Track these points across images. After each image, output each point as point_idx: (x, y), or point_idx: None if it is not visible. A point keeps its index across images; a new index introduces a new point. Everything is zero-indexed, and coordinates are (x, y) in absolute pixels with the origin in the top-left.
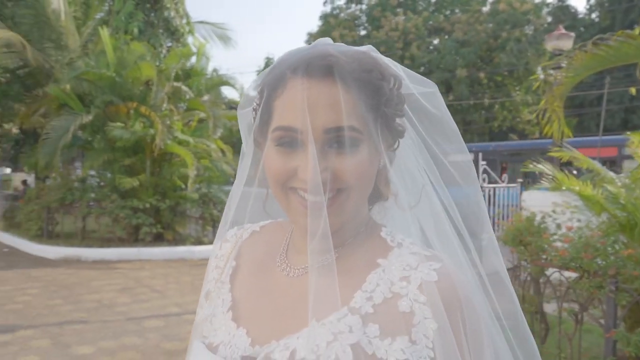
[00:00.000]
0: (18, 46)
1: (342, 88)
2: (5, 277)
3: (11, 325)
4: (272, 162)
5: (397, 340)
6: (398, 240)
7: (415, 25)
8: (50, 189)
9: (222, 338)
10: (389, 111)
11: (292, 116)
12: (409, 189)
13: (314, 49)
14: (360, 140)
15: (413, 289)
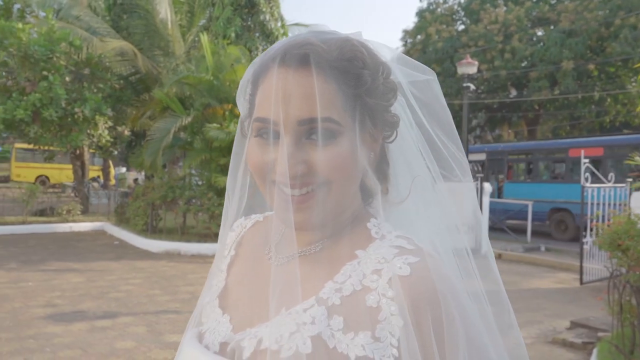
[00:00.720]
0: (130, 54)
1: (319, 78)
2: (113, 267)
3: (113, 312)
4: (251, 154)
5: (359, 335)
6: (383, 233)
7: (517, 16)
8: (154, 187)
9: (210, 325)
10: (373, 101)
11: (268, 107)
12: (404, 180)
13: (295, 38)
14: (338, 132)
15: (383, 283)
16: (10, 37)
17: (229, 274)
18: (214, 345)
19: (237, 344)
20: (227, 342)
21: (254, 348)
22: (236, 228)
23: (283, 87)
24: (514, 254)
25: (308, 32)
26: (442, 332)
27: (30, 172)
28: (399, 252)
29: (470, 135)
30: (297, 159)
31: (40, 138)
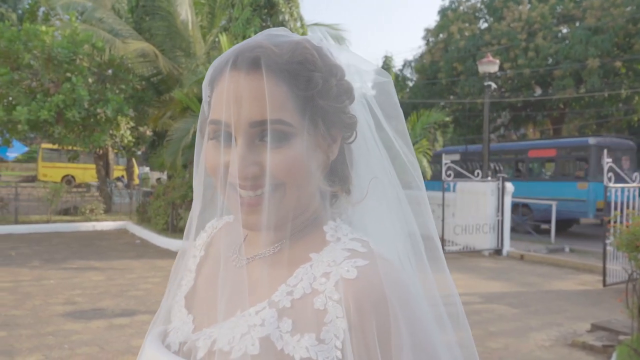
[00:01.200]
0: (152, 56)
1: (270, 80)
2: (133, 266)
3: (131, 310)
4: (207, 156)
5: (304, 337)
6: (338, 235)
7: (541, 13)
8: (175, 186)
9: (175, 324)
10: (325, 103)
11: (220, 110)
12: (361, 182)
13: (249, 41)
14: (291, 134)
15: (330, 285)
16: (34, 39)
17: (198, 274)
18: (175, 345)
19: (193, 344)
20: (186, 342)
21: (208, 348)
22: (208, 229)
23: (235, 90)
24: (537, 255)
25: (262, 35)
26: (387, 336)
27: (57, 172)
28: (350, 255)
29: (494, 134)
30: (249, 161)
31: (64, 138)
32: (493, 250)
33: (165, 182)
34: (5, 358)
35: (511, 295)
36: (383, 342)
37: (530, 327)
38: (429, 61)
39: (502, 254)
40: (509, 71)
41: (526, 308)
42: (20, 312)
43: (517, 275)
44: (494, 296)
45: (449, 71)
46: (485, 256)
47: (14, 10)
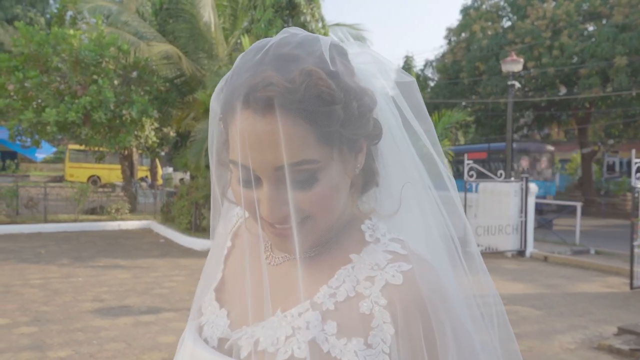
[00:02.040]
0: (175, 58)
1: (287, 122)
2: (158, 264)
3: (156, 308)
4: (235, 191)
5: (352, 341)
6: (377, 236)
7: (567, 11)
8: (198, 186)
9: (208, 317)
10: (348, 132)
11: (241, 153)
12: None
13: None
14: (317, 170)
15: (376, 290)
16: (62, 43)
17: (225, 265)
18: (213, 340)
19: (235, 342)
20: (225, 338)
21: (251, 348)
22: (232, 218)
23: (251, 133)
24: (561, 256)
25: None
26: (433, 340)
27: (83, 172)
28: (392, 258)
29: (517, 134)
30: (279, 202)
31: (91, 139)
32: (516, 251)
33: (189, 183)
34: (37, 353)
35: (535, 297)
36: (429, 347)
37: (555, 330)
38: (451, 61)
39: (526, 255)
40: (532, 70)
41: (550, 310)
42: (50, 308)
43: (541, 277)
44: (517, 298)
45: (471, 70)
46: (508, 257)
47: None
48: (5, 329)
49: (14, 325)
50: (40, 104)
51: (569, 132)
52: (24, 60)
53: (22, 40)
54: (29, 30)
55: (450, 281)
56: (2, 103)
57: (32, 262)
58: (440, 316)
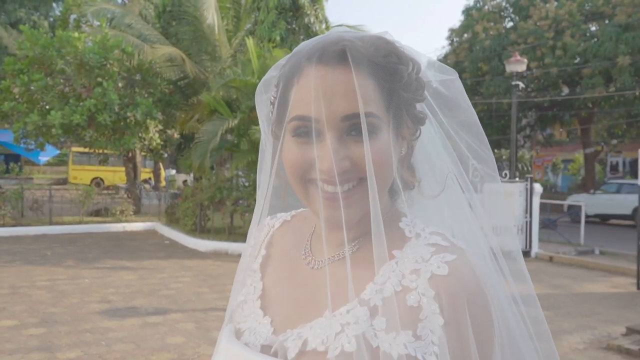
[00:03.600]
0: (179, 60)
1: (358, 73)
2: (163, 266)
3: (163, 309)
4: (289, 154)
5: (401, 334)
6: (416, 231)
7: (569, 11)
8: (203, 188)
9: (250, 324)
10: (408, 96)
11: (308, 105)
12: (432, 177)
13: (328, 36)
14: (379, 127)
15: (422, 282)
16: (67, 46)
17: (264, 274)
18: (255, 347)
19: (281, 345)
20: (269, 344)
21: (299, 349)
22: (263, 227)
23: (323, 85)
24: (566, 257)
25: (338, 31)
26: (481, 328)
27: (86, 175)
28: (435, 250)
29: (520, 134)
30: (341, 155)
31: (95, 142)
32: (521, 252)
33: (193, 184)
34: (46, 353)
35: (541, 298)
36: (477, 334)
37: (563, 330)
38: (454, 61)
39: (531, 256)
40: (535, 70)
41: (557, 310)
42: (58, 309)
43: (547, 278)
44: (523, 298)
45: (474, 71)
46: None
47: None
48: (14, 330)
49: (23, 326)
50: (45, 106)
51: (571, 132)
52: (28, 64)
53: (27, 44)
54: (34, 34)
55: (490, 271)
56: (8, 106)
57: (38, 263)
58: (487, 304)
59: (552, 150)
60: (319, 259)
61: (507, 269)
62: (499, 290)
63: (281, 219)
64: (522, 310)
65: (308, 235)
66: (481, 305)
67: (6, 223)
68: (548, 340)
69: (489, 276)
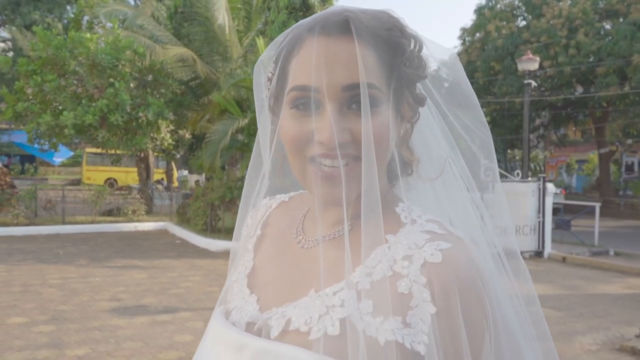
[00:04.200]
0: (190, 61)
1: (360, 44)
2: (174, 265)
3: (173, 307)
4: (287, 126)
5: (389, 319)
6: (412, 217)
7: (583, 9)
8: (213, 187)
9: (237, 303)
10: (410, 72)
11: (308, 74)
12: (430, 160)
13: (330, 9)
14: (380, 101)
15: (414, 269)
16: (79, 47)
17: (256, 254)
18: (241, 325)
19: (265, 323)
20: (253, 321)
21: (282, 328)
22: (261, 207)
23: (324, 54)
24: (580, 257)
25: (340, 5)
26: (473, 320)
27: (100, 175)
28: (430, 237)
29: (533, 134)
30: (341, 127)
31: (108, 142)
32: (534, 252)
33: (204, 184)
34: (55, 350)
35: (554, 298)
36: (468, 326)
37: (576, 331)
38: (465, 61)
39: (544, 256)
40: (548, 69)
41: (571, 311)
42: (68, 307)
43: (560, 278)
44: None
45: (486, 70)
46: (526, 258)
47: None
48: (24, 327)
49: (33, 323)
50: (57, 107)
51: (586, 132)
52: (42, 64)
53: (40, 45)
54: (47, 35)
55: (488, 261)
56: (21, 107)
57: (50, 262)
58: (481, 295)
59: (566, 151)
60: (310, 238)
61: (506, 261)
62: (497, 283)
63: (279, 199)
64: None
65: (302, 215)
66: (474, 296)
67: (20, 222)
68: (547, 340)
69: (486, 268)
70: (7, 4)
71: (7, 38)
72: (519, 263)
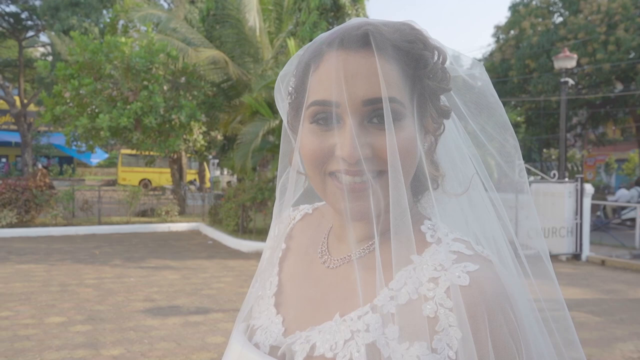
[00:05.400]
0: (222, 63)
1: (381, 57)
2: (206, 266)
3: (205, 308)
4: (307, 142)
5: (415, 345)
6: (438, 236)
7: (623, 4)
8: (245, 189)
9: (263, 322)
10: (434, 84)
11: (328, 89)
12: (455, 174)
13: (350, 23)
14: (403, 115)
15: (440, 292)
16: (114, 51)
17: (281, 269)
18: (265, 347)
19: (289, 348)
20: (277, 345)
21: (307, 353)
22: (285, 220)
23: (344, 68)
24: (620, 260)
25: (361, 18)
26: (501, 345)
27: (135, 176)
28: (457, 258)
29: (570, 133)
30: (362, 142)
31: (142, 144)
32: (571, 254)
33: (236, 185)
34: (91, 350)
35: (593, 303)
36: (497, 351)
37: (616, 337)
38: (499, 59)
39: (581, 259)
40: (586, 67)
41: (610, 317)
42: (104, 307)
43: (599, 282)
44: (574, 303)
45: (521, 69)
46: (563, 261)
47: (96, 25)
48: (62, 326)
49: (70, 323)
50: (94, 110)
51: (626, 130)
52: (79, 69)
53: (77, 49)
54: (84, 40)
55: (516, 283)
56: (59, 110)
57: (87, 262)
58: (510, 320)
59: (605, 150)
60: (336, 257)
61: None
62: (527, 306)
63: (303, 211)
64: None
65: (325, 232)
66: (503, 321)
67: (58, 223)
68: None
69: (515, 291)
70: (47, 10)
71: (46, 43)
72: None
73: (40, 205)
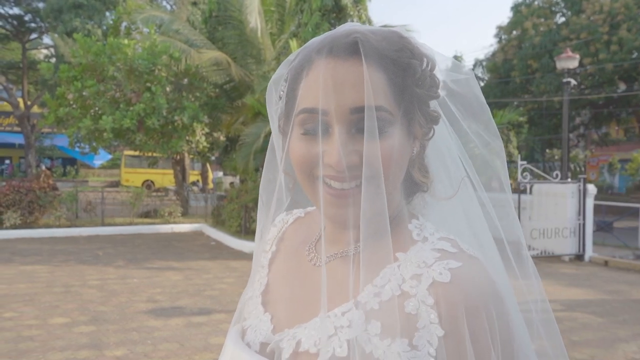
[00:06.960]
0: (224, 64)
1: (369, 66)
2: (209, 266)
3: (208, 309)
4: (296, 148)
5: (396, 341)
6: (425, 235)
7: (625, 4)
8: (247, 190)
9: (252, 322)
10: (422, 92)
11: (316, 97)
12: (446, 180)
13: (339, 29)
14: (390, 123)
15: (422, 289)
16: (118, 52)
17: (270, 270)
18: (255, 345)
19: (277, 345)
20: (267, 342)
21: (293, 349)
22: (278, 223)
23: (332, 76)
24: (623, 261)
25: (351, 24)
26: (481, 343)
27: (138, 177)
28: (441, 256)
29: (573, 133)
30: (349, 149)
31: (145, 145)
32: (574, 255)
33: (239, 186)
34: (95, 351)
35: (595, 304)
36: (478, 351)
37: (619, 338)
38: (502, 59)
39: (584, 260)
40: (589, 67)
41: (613, 317)
42: (107, 308)
43: (602, 283)
44: (576, 304)
45: (523, 69)
46: (566, 261)
47: (99, 27)
48: (65, 327)
49: (74, 324)
50: (97, 111)
51: (629, 130)
52: (82, 70)
53: (81, 51)
54: (87, 42)
55: (504, 282)
56: (63, 112)
57: (90, 263)
58: (491, 318)
59: (608, 150)
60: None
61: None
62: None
63: (295, 215)
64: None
65: (316, 233)
66: (483, 318)
67: (62, 224)
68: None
69: (499, 287)
70: (50, 12)
71: (50, 45)
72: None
73: (44, 207)
